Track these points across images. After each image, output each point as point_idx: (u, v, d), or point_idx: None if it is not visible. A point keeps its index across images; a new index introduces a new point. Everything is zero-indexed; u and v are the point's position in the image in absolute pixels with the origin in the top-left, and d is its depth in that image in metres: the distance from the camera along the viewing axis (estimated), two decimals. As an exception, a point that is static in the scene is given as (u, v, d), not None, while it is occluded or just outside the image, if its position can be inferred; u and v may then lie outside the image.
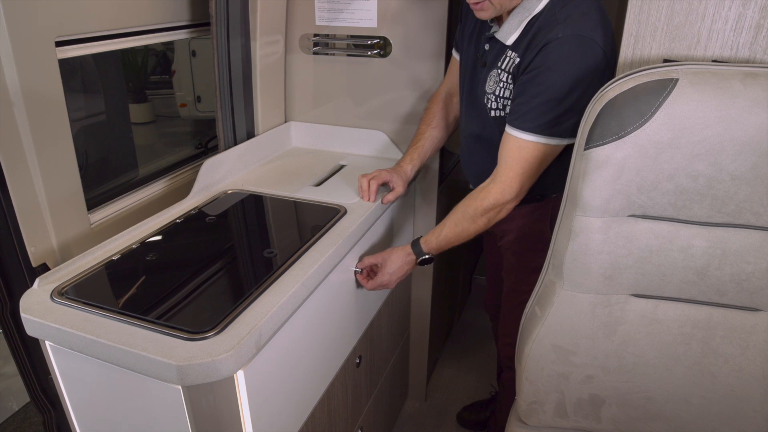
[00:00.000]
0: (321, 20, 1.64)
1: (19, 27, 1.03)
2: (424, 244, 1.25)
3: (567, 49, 1.02)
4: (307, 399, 1.17)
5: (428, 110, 1.49)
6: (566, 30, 1.02)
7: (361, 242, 1.31)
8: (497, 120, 1.21)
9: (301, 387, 1.12)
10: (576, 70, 1.02)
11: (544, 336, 1.01)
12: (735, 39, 0.89)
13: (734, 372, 0.95)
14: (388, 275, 1.27)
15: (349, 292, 1.30)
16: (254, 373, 0.92)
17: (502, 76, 1.16)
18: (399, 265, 1.27)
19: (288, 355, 1.04)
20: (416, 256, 1.27)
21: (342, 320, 1.29)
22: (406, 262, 1.27)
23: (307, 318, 1.09)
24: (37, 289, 1.00)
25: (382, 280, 1.28)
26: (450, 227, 1.22)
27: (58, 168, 1.16)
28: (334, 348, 1.26)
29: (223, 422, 0.91)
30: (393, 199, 1.39)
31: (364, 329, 1.43)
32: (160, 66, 2.72)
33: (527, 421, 1.16)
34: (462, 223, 1.20)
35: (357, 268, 1.31)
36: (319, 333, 1.17)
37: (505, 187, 1.13)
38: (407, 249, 1.27)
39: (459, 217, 1.20)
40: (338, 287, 1.23)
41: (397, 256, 1.27)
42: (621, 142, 0.80)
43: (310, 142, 1.81)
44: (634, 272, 0.90)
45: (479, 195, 1.17)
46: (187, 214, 1.30)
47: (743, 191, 0.80)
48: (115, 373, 0.91)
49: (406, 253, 1.27)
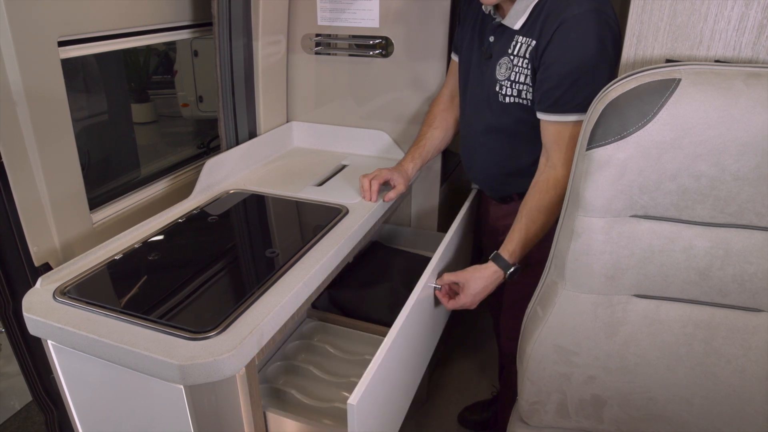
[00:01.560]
0: (323, 20, 1.64)
1: (21, 27, 1.03)
2: (507, 256, 1.19)
3: (585, 24, 1.02)
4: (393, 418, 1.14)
5: (430, 112, 1.49)
6: (582, 6, 1.02)
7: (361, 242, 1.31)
8: (512, 106, 1.20)
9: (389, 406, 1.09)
10: (599, 42, 1.02)
11: (546, 336, 1.01)
12: (738, 39, 0.89)
13: (736, 373, 0.95)
14: (471, 296, 1.21)
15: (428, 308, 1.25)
16: (361, 404, 0.88)
17: (515, 61, 1.15)
18: (483, 285, 1.21)
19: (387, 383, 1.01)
20: (504, 271, 1.20)
21: (422, 338, 1.24)
22: (492, 281, 1.21)
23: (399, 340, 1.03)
24: (40, 288, 1.00)
25: (464, 302, 1.22)
26: (529, 227, 1.17)
27: (61, 168, 1.16)
28: (417, 364, 1.24)
29: (225, 421, 0.91)
30: (394, 197, 1.39)
31: (435, 344, 1.41)
32: (162, 66, 2.72)
33: (529, 421, 1.16)
34: (539, 219, 1.15)
35: (437, 284, 1.25)
36: (406, 353, 1.13)
37: (566, 169, 1.10)
38: (492, 267, 1.20)
39: (535, 215, 1.15)
40: (422, 304, 1.17)
41: (480, 276, 1.20)
42: (623, 142, 0.80)
43: (311, 142, 1.81)
44: (636, 273, 0.90)
45: (546, 186, 1.13)
46: (189, 214, 1.30)
47: (746, 191, 0.80)
48: (118, 372, 0.91)
49: (491, 272, 1.20)
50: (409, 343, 1.12)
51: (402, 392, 1.13)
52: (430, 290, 1.23)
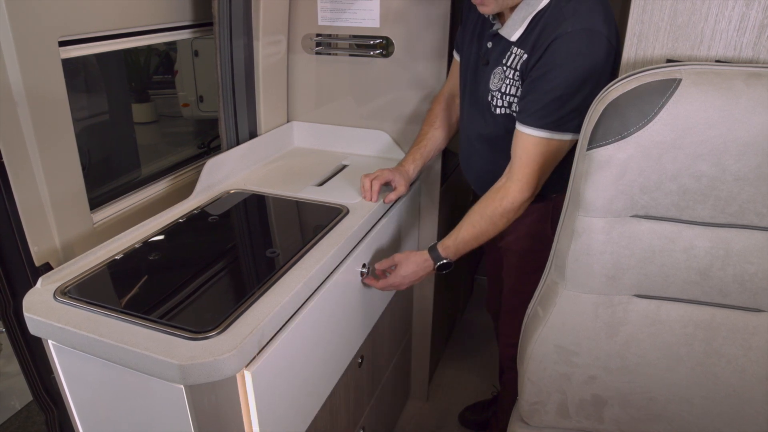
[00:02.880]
0: (323, 20, 1.64)
1: (22, 27, 1.03)
2: (441, 249, 1.23)
3: (577, 44, 1.02)
4: (311, 399, 1.17)
5: (431, 111, 1.49)
6: (575, 24, 1.01)
7: (365, 243, 1.31)
8: (502, 117, 1.20)
9: (307, 386, 1.12)
10: (587, 64, 1.01)
11: (547, 336, 1.01)
12: (738, 39, 0.89)
13: (737, 373, 0.95)
14: (401, 277, 1.25)
15: (355, 292, 1.30)
16: (262, 372, 0.92)
17: (507, 72, 1.15)
18: (413, 269, 1.25)
19: (296, 355, 1.04)
20: (434, 262, 1.24)
21: (347, 321, 1.28)
22: (423, 268, 1.25)
23: (311, 319, 1.08)
24: (40, 288, 1.00)
25: (393, 281, 1.26)
26: (467, 229, 1.19)
27: (61, 167, 1.16)
28: (337, 349, 1.26)
29: (226, 421, 0.91)
30: (395, 199, 1.39)
31: (369, 330, 1.43)
32: (163, 66, 2.73)
33: (529, 421, 1.16)
34: (480, 224, 1.18)
35: (363, 269, 1.30)
36: (324, 334, 1.17)
37: (523, 185, 1.12)
38: (424, 254, 1.24)
39: (477, 219, 1.18)
40: (344, 288, 1.23)
41: (413, 260, 1.25)
42: (624, 143, 0.80)
43: (312, 142, 1.81)
44: (637, 273, 0.90)
45: (497, 195, 1.15)
46: (189, 214, 1.30)
47: (746, 192, 0.80)
48: (118, 372, 0.91)
49: (423, 259, 1.24)
50: (326, 322, 1.16)
51: (314, 375, 1.15)
52: (356, 274, 1.27)
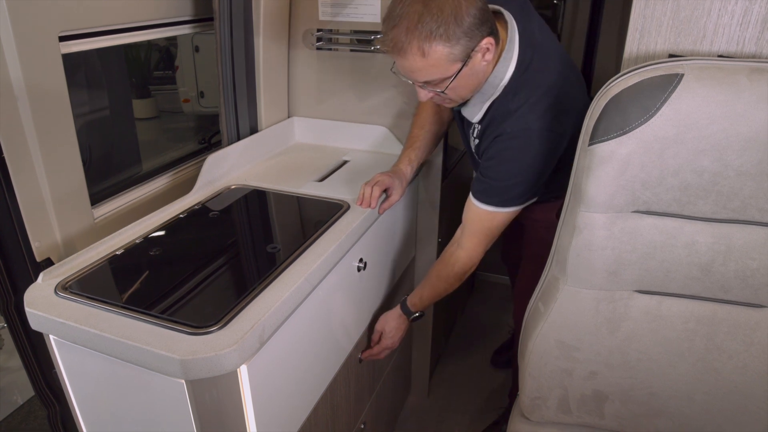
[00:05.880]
0: (324, 15, 1.64)
1: (22, 22, 1.03)
2: (410, 305, 1.37)
3: (516, 143, 1.11)
4: (310, 394, 1.17)
5: (418, 115, 1.46)
6: (514, 126, 1.11)
7: (366, 238, 1.31)
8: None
9: (304, 382, 1.12)
10: (527, 161, 1.11)
11: (548, 332, 1.01)
12: (741, 34, 0.88)
13: (738, 368, 0.95)
14: (389, 338, 1.39)
15: (352, 287, 1.30)
16: (258, 367, 0.92)
17: (474, 134, 1.25)
18: (394, 325, 1.39)
19: (291, 350, 1.04)
20: (407, 316, 1.38)
21: (345, 316, 1.29)
22: (400, 322, 1.39)
23: (310, 313, 1.09)
24: (42, 283, 1.00)
25: (386, 344, 1.39)
26: (428, 289, 1.34)
27: (62, 163, 1.16)
28: (336, 343, 1.26)
29: (227, 416, 0.92)
30: (388, 208, 1.37)
31: (366, 325, 1.44)
32: (164, 61, 2.72)
33: (530, 416, 1.16)
34: (439, 285, 1.32)
35: (360, 263, 1.30)
36: (323, 329, 1.17)
37: (471, 253, 1.25)
38: (397, 311, 1.39)
39: (434, 281, 1.33)
40: (341, 283, 1.23)
41: (391, 318, 1.39)
42: (626, 138, 0.79)
43: (313, 137, 1.81)
44: (638, 268, 0.90)
45: (450, 260, 1.28)
46: (190, 210, 1.30)
47: (748, 187, 0.79)
48: (119, 367, 0.91)
49: (398, 314, 1.39)
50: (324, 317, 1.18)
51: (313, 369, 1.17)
52: (354, 269, 1.29)
